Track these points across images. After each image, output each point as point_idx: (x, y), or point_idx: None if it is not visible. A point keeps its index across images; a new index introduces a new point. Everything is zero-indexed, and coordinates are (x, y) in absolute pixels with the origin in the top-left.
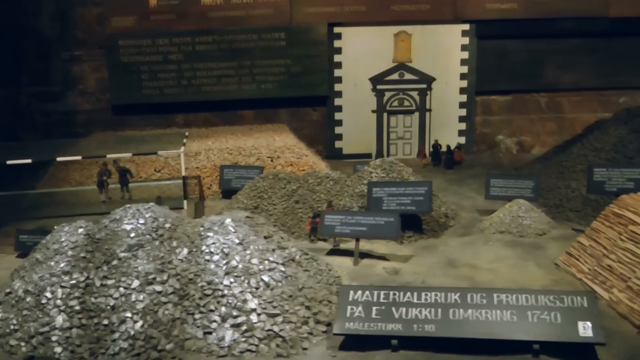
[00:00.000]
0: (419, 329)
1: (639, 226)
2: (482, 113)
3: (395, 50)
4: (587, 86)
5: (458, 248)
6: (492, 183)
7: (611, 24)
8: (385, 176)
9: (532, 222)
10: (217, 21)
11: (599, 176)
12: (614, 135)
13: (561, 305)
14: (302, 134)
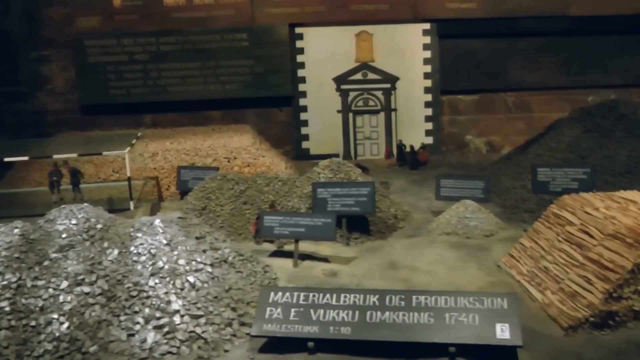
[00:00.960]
0: (335, 331)
1: (575, 227)
2: (449, 113)
3: (357, 50)
4: (553, 85)
5: (402, 250)
6: (442, 184)
7: (572, 23)
8: (333, 177)
9: (478, 223)
10: (180, 22)
11: (543, 176)
12: (568, 135)
13: (480, 307)
14: (270, 134)
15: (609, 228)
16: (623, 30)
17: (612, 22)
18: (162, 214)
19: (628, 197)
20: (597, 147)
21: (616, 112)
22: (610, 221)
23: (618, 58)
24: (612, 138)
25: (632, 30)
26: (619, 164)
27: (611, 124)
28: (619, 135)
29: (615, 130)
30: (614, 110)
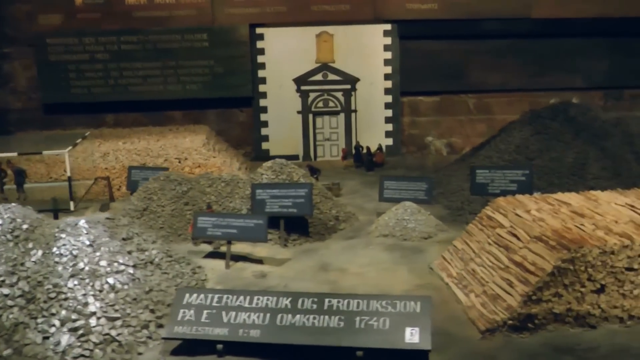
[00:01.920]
0: (244, 334)
1: (504, 229)
2: (410, 114)
3: (318, 51)
4: (514, 87)
5: (338, 251)
6: (386, 185)
7: (534, 25)
8: (275, 178)
9: (417, 225)
10: (141, 21)
11: (482, 178)
12: (518, 136)
13: (392, 311)
14: (231, 135)
15: (535, 230)
16: (585, 33)
17: (574, 25)
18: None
19: (562, 199)
20: (545, 149)
21: (566, 114)
22: (538, 224)
23: (579, 61)
24: (561, 140)
25: (593, 33)
26: (565, 165)
27: (560, 126)
28: (568, 137)
29: (564, 132)
30: (564, 113)
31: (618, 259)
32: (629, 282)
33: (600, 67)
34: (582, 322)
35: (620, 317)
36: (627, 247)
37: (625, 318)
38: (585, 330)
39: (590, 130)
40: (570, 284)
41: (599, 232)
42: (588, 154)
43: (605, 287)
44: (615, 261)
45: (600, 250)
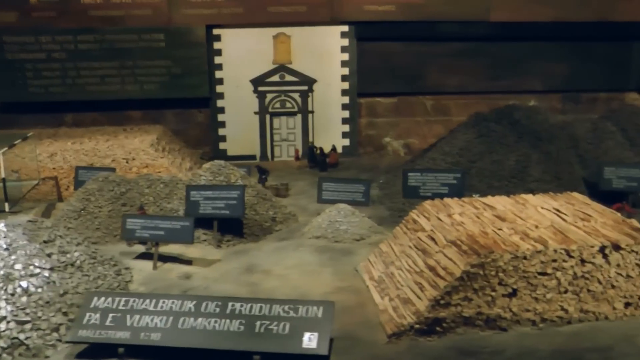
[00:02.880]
0: (145, 337)
1: (425, 233)
2: (367, 115)
3: (275, 52)
4: (472, 89)
5: (268, 253)
6: (324, 187)
7: (492, 28)
8: (213, 179)
9: (349, 227)
10: (97, 20)
11: (414, 181)
12: (462, 139)
13: (294, 316)
14: (189, 135)
15: (452, 235)
16: (543, 36)
17: (532, 28)
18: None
19: (490, 203)
20: (487, 151)
21: (511, 118)
22: (456, 228)
23: (538, 64)
24: (504, 143)
25: (551, 36)
26: (507, 168)
27: (504, 129)
28: (511, 140)
29: (507, 135)
30: (509, 116)
31: (531, 263)
32: (542, 286)
33: (559, 71)
34: (493, 325)
35: (532, 320)
36: (540, 252)
37: (537, 321)
38: (496, 333)
39: (534, 133)
40: (481, 288)
41: (515, 237)
42: (530, 157)
43: (517, 291)
44: (527, 266)
45: (512, 256)
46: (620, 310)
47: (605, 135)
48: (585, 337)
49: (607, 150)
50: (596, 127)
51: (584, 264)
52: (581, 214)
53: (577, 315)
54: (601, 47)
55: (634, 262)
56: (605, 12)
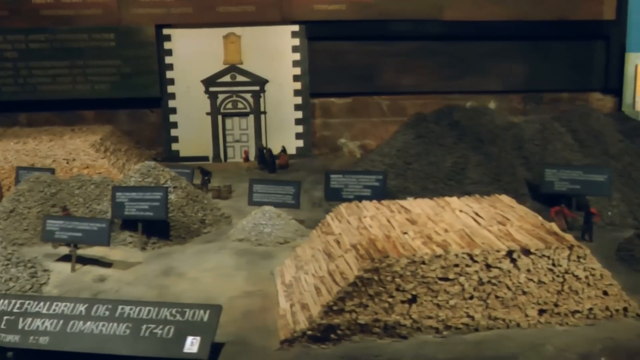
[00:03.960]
0: (34, 341)
1: (333, 237)
2: (322, 116)
3: (225, 52)
4: (428, 89)
5: (190, 256)
6: (255, 189)
7: (446, 27)
8: (142, 180)
9: (273, 230)
10: (49, 20)
11: (336, 183)
12: (401, 140)
13: (180, 319)
14: (142, 135)
15: (355, 239)
16: (500, 36)
17: (488, 27)
18: None
19: (406, 206)
20: (425, 153)
21: (450, 118)
22: (360, 231)
23: (495, 63)
24: (442, 144)
25: (509, 36)
26: (443, 170)
27: (443, 130)
28: (449, 142)
29: (446, 136)
30: (449, 116)
31: (430, 268)
32: (444, 292)
33: (518, 71)
34: (392, 333)
35: (435, 327)
36: (440, 257)
37: (441, 328)
38: (395, 341)
39: (474, 134)
40: (376, 294)
41: (418, 241)
42: (469, 159)
43: (417, 297)
44: (427, 271)
45: (408, 261)
46: (533, 317)
47: (553, 137)
48: (490, 346)
49: (554, 151)
50: (544, 128)
51: (490, 269)
52: (500, 217)
53: (485, 323)
54: (562, 47)
55: (546, 267)
56: (563, 11)
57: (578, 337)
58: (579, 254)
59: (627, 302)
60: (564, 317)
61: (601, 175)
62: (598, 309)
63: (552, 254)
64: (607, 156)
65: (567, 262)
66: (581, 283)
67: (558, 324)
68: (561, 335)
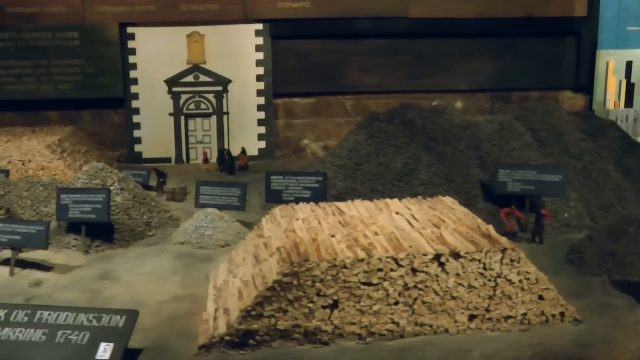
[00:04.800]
0: None
1: (263, 239)
2: (285, 116)
3: (188, 52)
4: (393, 88)
5: (130, 259)
6: (201, 191)
7: (412, 25)
8: (89, 182)
9: (214, 233)
10: (13, 17)
11: (276, 184)
12: (353, 140)
13: (96, 325)
14: (106, 136)
15: (281, 242)
16: (467, 33)
17: (455, 25)
18: None
19: (342, 208)
20: (375, 153)
21: (404, 117)
22: (288, 234)
23: (463, 62)
24: (393, 144)
25: (476, 33)
26: (393, 171)
27: (395, 130)
28: (401, 142)
29: (398, 136)
30: (402, 115)
31: (352, 273)
32: (367, 297)
33: (486, 69)
34: (312, 339)
35: (358, 333)
36: (363, 261)
37: (364, 335)
38: (316, 347)
39: (428, 134)
40: (296, 299)
41: (343, 244)
42: (420, 160)
43: (338, 303)
44: (349, 275)
45: (329, 265)
46: (463, 323)
47: (512, 136)
48: (413, 353)
49: (512, 151)
50: (502, 127)
51: (416, 273)
52: (437, 219)
53: (412, 329)
54: (532, 44)
55: (476, 271)
56: (532, 8)
57: (508, 343)
58: (512, 257)
59: (564, 307)
60: (496, 322)
61: (556, 175)
62: (532, 314)
63: (483, 257)
64: (568, 155)
65: (499, 266)
66: (515, 287)
67: (490, 329)
68: (491, 341)
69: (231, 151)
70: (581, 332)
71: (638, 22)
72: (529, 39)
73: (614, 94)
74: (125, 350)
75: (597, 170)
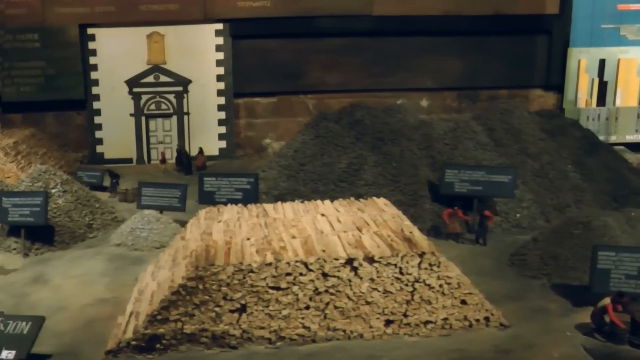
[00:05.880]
0: None
1: (183, 242)
2: (246, 116)
3: (149, 52)
4: (357, 87)
5: (66, 262)
6: (144, 192)
7: (376, 23)
8: (32, 185)
9: (150, 235)
10: None
11: (209, 186)
12: (299, 140)
13: (2, 330)
14: (69, 138)
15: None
16: (433, 31)
17: (420, 22)
18: None
19: (270, 210)
20: (320, 153)
21: (351, 117)
22: (204, 237)
23: (428, 60)
24: (339, 144)
25: (441, 31)
26: (336, 172)
27: (342, 130)
28: (347, 142)
29: (344, 136)
30: (350, 115)
31: (260, 277)
32: (276, 301)
33: (452, 67)
34: (221, 343)
35: (267, 338)
36: (271, 265)
37: (274, 339)
38: (224, 351)
39: (376, 134)
40: (202, 303)
41: (254, 248)
42: (365, 160)
43: (246, 307)
44: (256, 280)
45: (236, 269)
46: (378, 328)
47: (466, 136)
48: (321, 358)
49: (465, 151)
50: (457, 126)
51: (327, 278)
52: (361, 222)
53: (324, 334)
54: (500, 42)
55: (392, 276)
56: (501, 6)
57: (425, 349)
58: (431, 262)
59: (489, 312)
60: (415, 327)
61: (505, 176)
62: (454, 319)
63: (399, 262)
64: (526, 155)
65: (417, 271)
66: (435, 292)
67: (408, 335)
68: (407, 347)
69: (189, 151)
70: (505, 338)
71: (613, 20)
72: (498, 37)
73: (585, 93)
74: (29, 356)
75: (555, 170)
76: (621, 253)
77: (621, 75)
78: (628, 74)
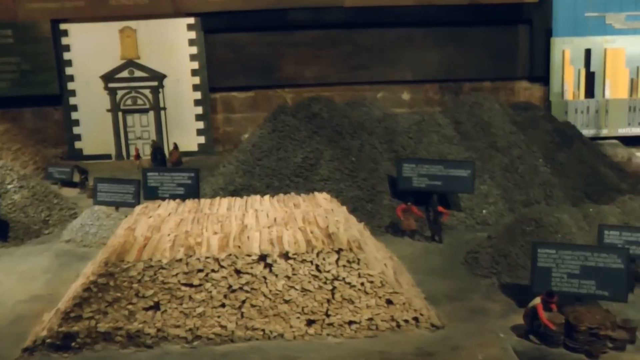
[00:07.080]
0: None
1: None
2: (223, 111)
3: (122, 47)
4: (335, 80)
5: (15, 258)
6: (99, 188)
7: (348, 14)
8: None
9: (99, 231)
10: None
11: (152, 181)
12: (257, 134)
13: None
14: (48, 134)
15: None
16: (407, 22)
17: (394, 13)
18: None
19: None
20: (276, 148)
21: (309, 111)
22: (125, 232)
23: (406, 52)
24: (295, 138)
25: (418, 22)
26: (292, 166)
27: (299, 124)
28: (303, 136)
29: (301, 130)
30: (307, 109)
31: (171, 274)
32: (189, 299)
33: (432, 59)
34: (137, 342)
35: (184, 337)
36: (181, 261)
37: (190, 338)
38: (141, 350)
39: (334, 127)
40: (115, 300)
41: (169, 244)
42: (322, 154)
43: (160, 305)
44: (167, 276)
45: (146, 265)
46: (300, 328)
47: (431, 129)
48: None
49: (430, 145)
50: (422, 119)
51: (240, 275)
52: (291, 218)
53: (243, 333)
54: (480, 33)
55: (309, 273)
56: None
57: (345, 350)
58: (349, 259)
59: (417, 312)
60: (339, 328)
61: (464, 170)
62: (380, 320)
63: (315, 258)
64: (494, 149)
65: (335, 268)
66: (356, 291)
67: (332, 335)
68: (327, 349)
69: (165, 147)
70: (433, 340)
71: (597, 8)
72: (476, 28)
73: (571, 84)
74: None
75: (525, 165)
76: (562, 250)
77: (609, 66)
78: (616, 64)
